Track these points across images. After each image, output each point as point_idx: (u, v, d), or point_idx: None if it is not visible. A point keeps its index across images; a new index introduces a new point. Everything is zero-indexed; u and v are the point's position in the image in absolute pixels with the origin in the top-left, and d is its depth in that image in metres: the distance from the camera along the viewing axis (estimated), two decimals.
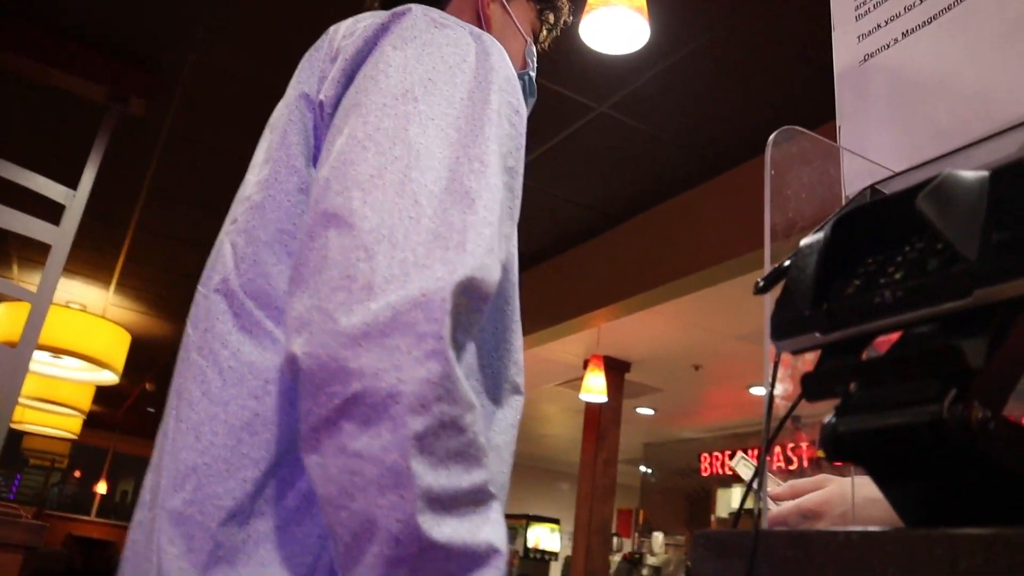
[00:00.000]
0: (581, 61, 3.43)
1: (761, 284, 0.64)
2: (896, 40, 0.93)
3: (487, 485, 0.66)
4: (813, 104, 3.59)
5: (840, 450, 0.52)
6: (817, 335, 0.56)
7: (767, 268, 0.72)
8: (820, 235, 0.61)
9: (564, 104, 3.80)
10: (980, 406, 0.46)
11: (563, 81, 3.63)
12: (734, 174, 4.25)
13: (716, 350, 6.54)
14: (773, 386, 0.62)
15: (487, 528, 0.65)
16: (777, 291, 0.66)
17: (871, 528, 0.50)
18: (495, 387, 0.83)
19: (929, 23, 0.90)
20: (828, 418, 0.54)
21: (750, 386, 7.56)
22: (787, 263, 0.64)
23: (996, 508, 0.48)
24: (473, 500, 0.64)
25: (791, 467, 8.28)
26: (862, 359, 0.54)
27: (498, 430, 0.81)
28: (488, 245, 0.69)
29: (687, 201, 4.57)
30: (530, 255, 5.70)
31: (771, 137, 0.78)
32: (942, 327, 0.51)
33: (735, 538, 0.61)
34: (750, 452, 8.89)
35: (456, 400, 0.63)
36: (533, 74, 1.12)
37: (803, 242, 0.63)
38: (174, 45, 3.72)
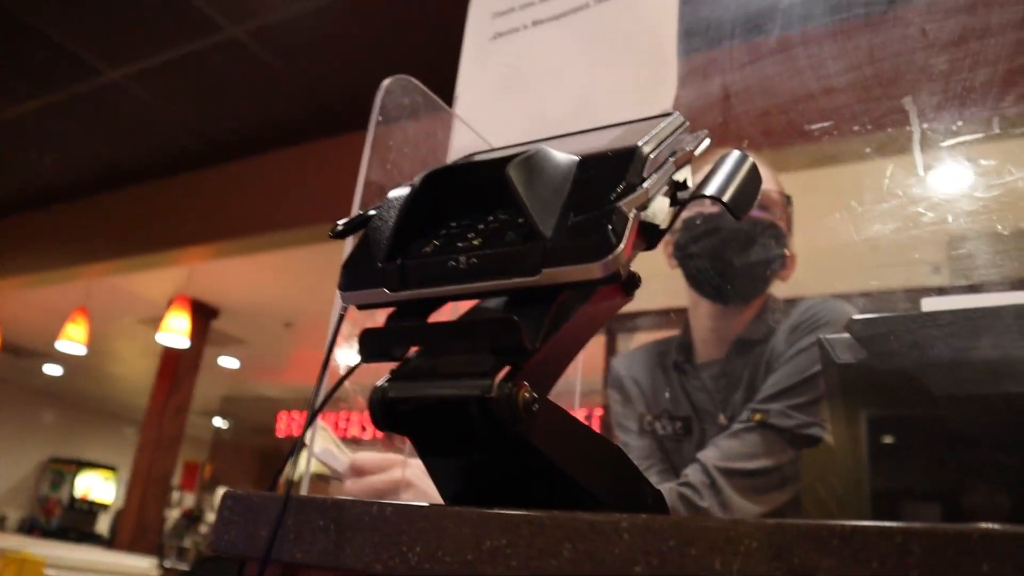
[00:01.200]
0: None
1: (340, 228, 0.58)
2: (527, 26, 0.95)
3: None
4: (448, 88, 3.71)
5: (387, 417, 0.48)
6: (386, 291, 0.51)
7: (354, 212, 0.67)
8: (408, 189, 0.57)
9: (195, 16, 3.45)
10: (529, 387, 0.45)
11: None
12: (357, 135, 4.23)
13: (310, 311, 6.48)
14: (334, 340, 0.57)
15: None
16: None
17: (407, 502, 0.47)
18: None
19: (558, 19, 0.93)
20: (380, 381, 0.49)
21: (338, 351, 7.66)
22: (372, 212, 0.59)
23: (530, 490, 0.47)
24: None
25: (364, 436, 8.56)
26: (425, 322, 0.51)
27: None
28: None
29: (305, 152, 4.45)
30: (125, 172, 5.13)
31: (385, 82, 0.73)
32: (510, 302, 0.49)
33: (266, 502, 0.54)
34: (329, 414, 9.01)
35: None
36: None
37: (391, 193, 0.59)
38: None
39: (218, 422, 10.92)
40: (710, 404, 1.15)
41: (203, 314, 6.34)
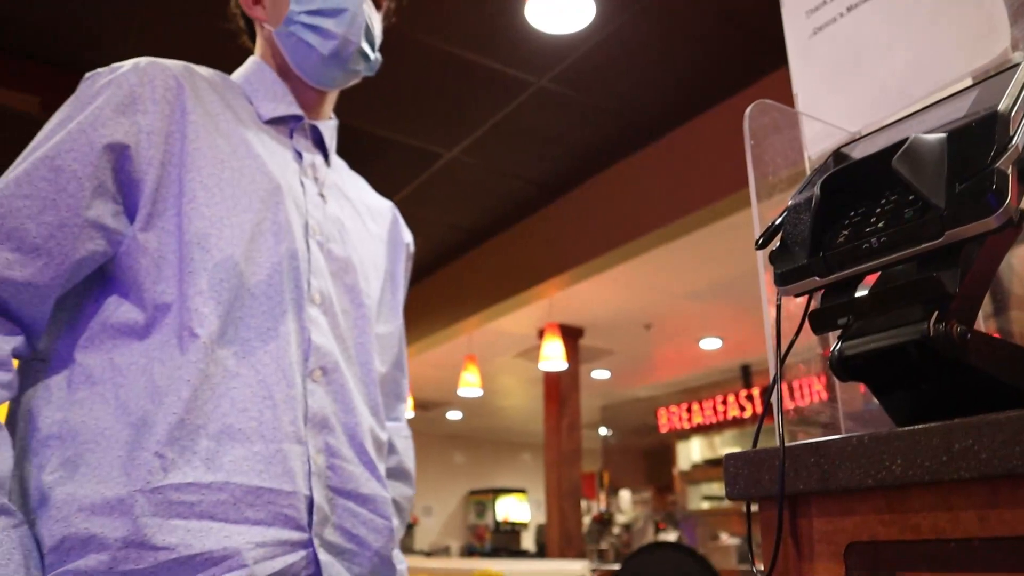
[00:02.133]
0: (519, 39, 3.52)
1: (760, 241, 0.75)
2: (841, 15, 1.05)
3: None
4: (737, 65, 3.75)
5: (848, 370, 0.64)
6: (816, 279, 0.67)
7: (756, 227, 0.83)
8: (808, 194, 0.72)
9: (504, 81, 3.89)
10: (958, 323, 0.58)
11: (502, 59, 3.71)
12: (670, 138, 4.40)
13: (664, 309, 6.74)
14: (778, 326, 0.74)
15: None
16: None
17: (880, 431, 0.62)
18: (175, 335, 0.94)
19: None
20: (835, 345, 0.65)
21: (700, 340, 7.81)
22: (779, 221, 0.75)
23: (974, 404, 0.60)
24: None
25: (744, 414, 8.61)
26: (859, 296, 0.65)
27: (166, 372, 0.92)
28: None
29: (626, 168, 4.71)
30: (478, 231, 5.79)
31: (747, 110, 0.90)
32: (919, 264, 0.62)
33: (761, 455, 0.72)
34: (705, 402, 9.07)
35: None
36: (305, 6, 1.14)
37: (791, 202, 0.75)
38: (105, 45, 3.66)
39: (603, 431, 11.59)
40: None
41: (570, 336, 6.87)
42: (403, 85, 3.91)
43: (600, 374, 9.05)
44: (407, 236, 1.35)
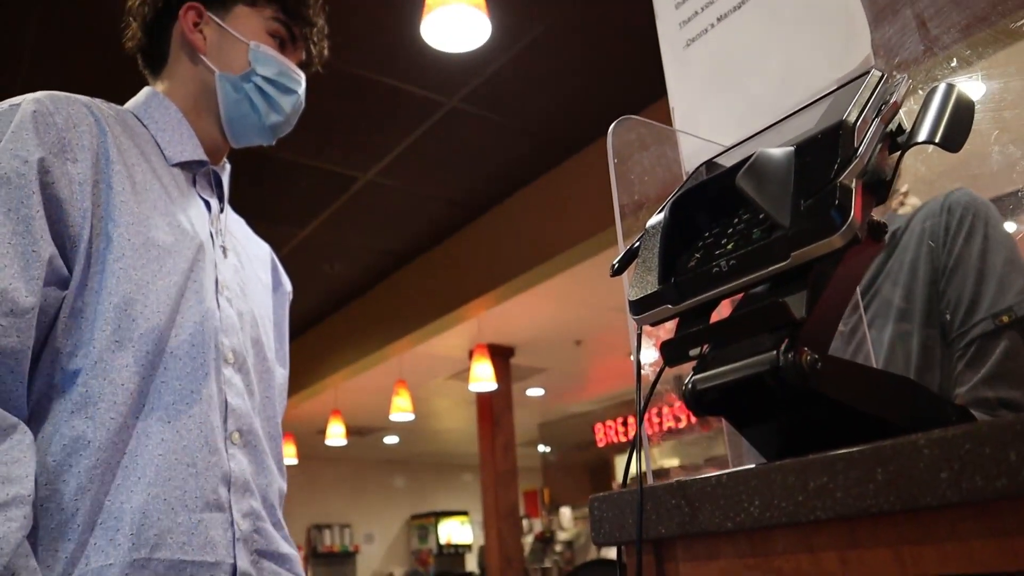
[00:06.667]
0: (427, 60, 3.47)
1: (616, 266, 0.70)
2: (712, 25, 1.02)
3: None
4: (644, 82, 3.77)
5: (700, 405, 0.59)
6: (669, 307, 0.63)
7: (620, 249, 0.78)
8: (661, 216, 0.68)
9: (415, 103, 3.83)
10: (808, 350, 0.54)
11: (412, 80, 3.65)
12: (585, 154, 4.40)
13: (594, 324, 6.74)
14: (638, 356, 0.69)
15: None
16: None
17: (737, 468, 0.58)
18: (86, 403, 0.89)
19: (739, 8, 0.99)
20: (687, 378, 0.60)
21: (631, 353, 7.83)
22: (636, 244, 0.71)
23: (834, 435, 0.56)
24: None
25: (680, 425, 8.65)
26: (710, 323, 0.61)
27: (73, 447, 0.88)
28: None
29: (544, 185, 4.70)
30: (402, 254, 5.71)
31: (611, 128, 0.85)
32: (772, 287, 0.58)
33: (624, 496, 0.67)
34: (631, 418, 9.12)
35: None
36: (266, 72, 1.15)
37: (649, 223, 0.70)
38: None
39: (542, 448, 11.53)
40: None
41: (501, 355, 6.81)
42: (310, 108, 3.82)
43: (535, 392, 9.01)
44: (287, 284, 1.33)
